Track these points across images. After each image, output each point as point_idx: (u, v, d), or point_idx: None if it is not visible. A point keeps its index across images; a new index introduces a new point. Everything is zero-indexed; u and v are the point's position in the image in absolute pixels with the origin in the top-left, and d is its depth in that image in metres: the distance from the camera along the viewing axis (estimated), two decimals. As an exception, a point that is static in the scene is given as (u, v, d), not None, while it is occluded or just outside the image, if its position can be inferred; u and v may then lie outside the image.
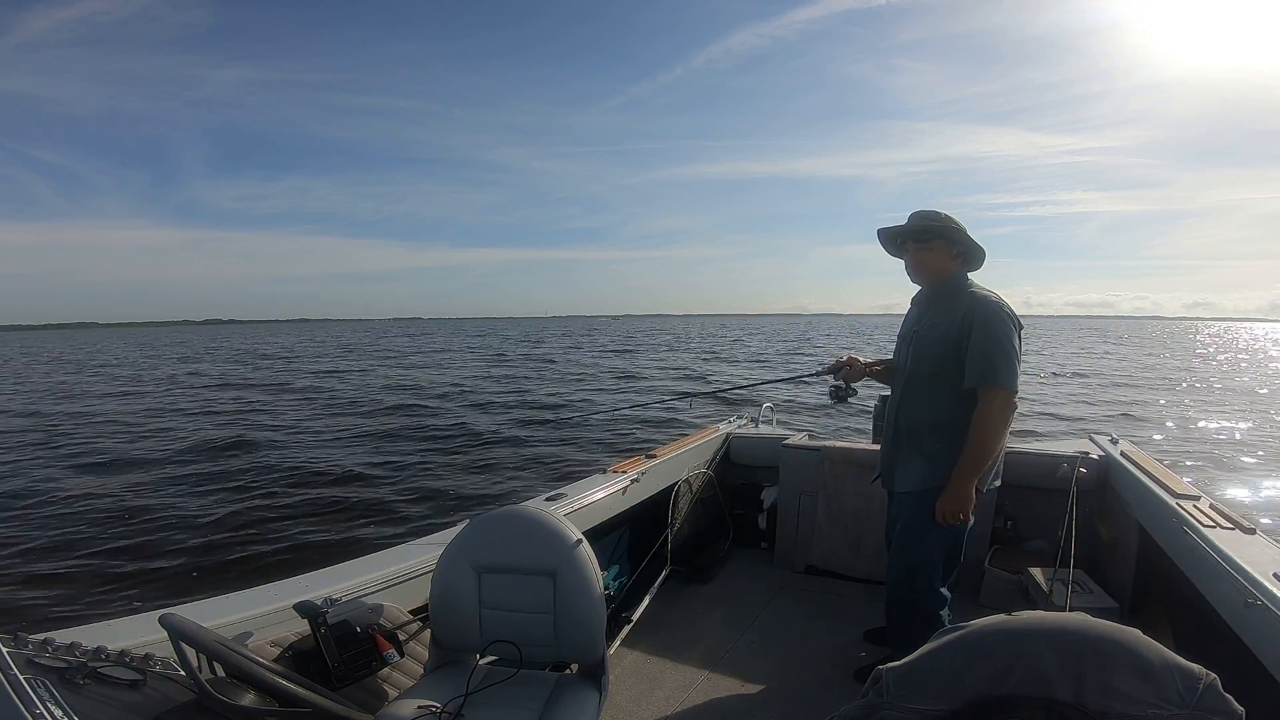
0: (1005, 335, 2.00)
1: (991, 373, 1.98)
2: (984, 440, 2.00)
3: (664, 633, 2.62)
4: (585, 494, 2.57)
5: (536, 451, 9.14)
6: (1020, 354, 2.02)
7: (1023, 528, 3.09)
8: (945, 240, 2.13)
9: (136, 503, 6.70)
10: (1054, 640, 0.85)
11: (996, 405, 1.99)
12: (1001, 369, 1.98)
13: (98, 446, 9.78)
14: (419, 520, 6.05)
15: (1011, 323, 2.03)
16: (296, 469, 8.14)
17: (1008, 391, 1.99)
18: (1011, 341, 2.00)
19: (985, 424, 1.99)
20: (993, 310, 2.03)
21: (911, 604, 2.19)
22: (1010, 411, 2.01)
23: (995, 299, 2.07)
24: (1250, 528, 1.97)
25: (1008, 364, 1.98)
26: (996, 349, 1.99)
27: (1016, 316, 2.05)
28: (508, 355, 32.57)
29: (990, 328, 2.01)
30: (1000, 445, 2.04)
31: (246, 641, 1.47)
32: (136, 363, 32.44)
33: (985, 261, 2.19)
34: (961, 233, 2.13)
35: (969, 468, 2.00)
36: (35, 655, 1.02)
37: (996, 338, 1.99)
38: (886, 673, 0.94)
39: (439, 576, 1.65)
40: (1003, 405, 2.00)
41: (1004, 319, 2.02)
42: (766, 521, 3.49)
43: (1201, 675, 0.82)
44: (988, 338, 2.00)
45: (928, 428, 2.13)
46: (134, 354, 41.73)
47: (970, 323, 2.03)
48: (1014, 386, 1.99)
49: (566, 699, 1.53)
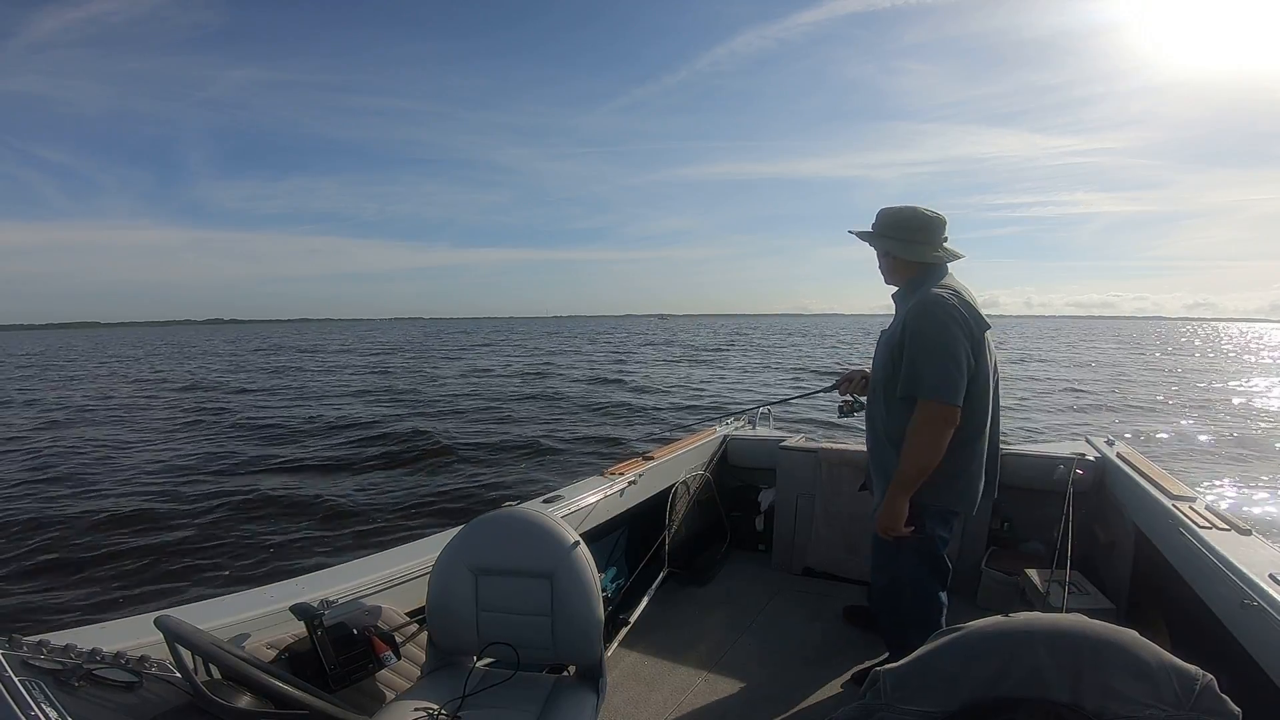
0: (936, 342, 1.80)
1: (916, 383, 1.82)
2: (909, 454, 1.83)
3: (661, 635, 2.62)
4: (582, 496, 2.57)
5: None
6: (969, 359, 1.81)
7: (1019, 529, 3.09)
8: (878, 239, 2.01)
9: (134, 504, 6.67)
10: (1051, 642, 0.86)
11: (924, 418, 1.80)
12: (926, 379, 1.79)
13: (97, 447, 9.75)
14: (416, 522, 6.04)
15: (952, 326, 1.80)
16: (296, 470, 8.12)
17: (935, 404, 1.78)
18: (946, 349, 1.79)
19: (911, 437, 1.82)
20: (926, 312, 1.83)
21: (897, 611, 2.11)
22: (942, 425, 1.79)
23: (936, 298, 1.85)
24: (1246, 529, 1.98)
25: (935, 373, 1.78)
26: (925, 358, 1.81)
27: (968, 317, 1.83)
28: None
29: (921, 333, 1.82)
30: (931, 461, 1.81)
31: (242, 644, 1.47)
32: (141, 361, 32.36)
33: (950, 258, 1.99)
34: (891, 227, 1.97)
35: (898, 482, 1.86)
36: (30, 657, 1.01)
37: (925, 345, 1.81)
38: (884, 675, 0.94)
39: (436, 579, 1.65)
40: (930, 419, 1.80)
41: (939, 322, 1.80)
42: (764, 523, 3.49)
43: (1198, 676, 0.82)
44: (917, 345, 1.82)
45: (886, 438, 1.98)
46: (137, 353, 41.58)
47: (907, 327, 1.86)
48: (945, 398, 1.77)
49: (564, 701, 1.52)
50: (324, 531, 5.87)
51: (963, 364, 1.80)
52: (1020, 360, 29.51)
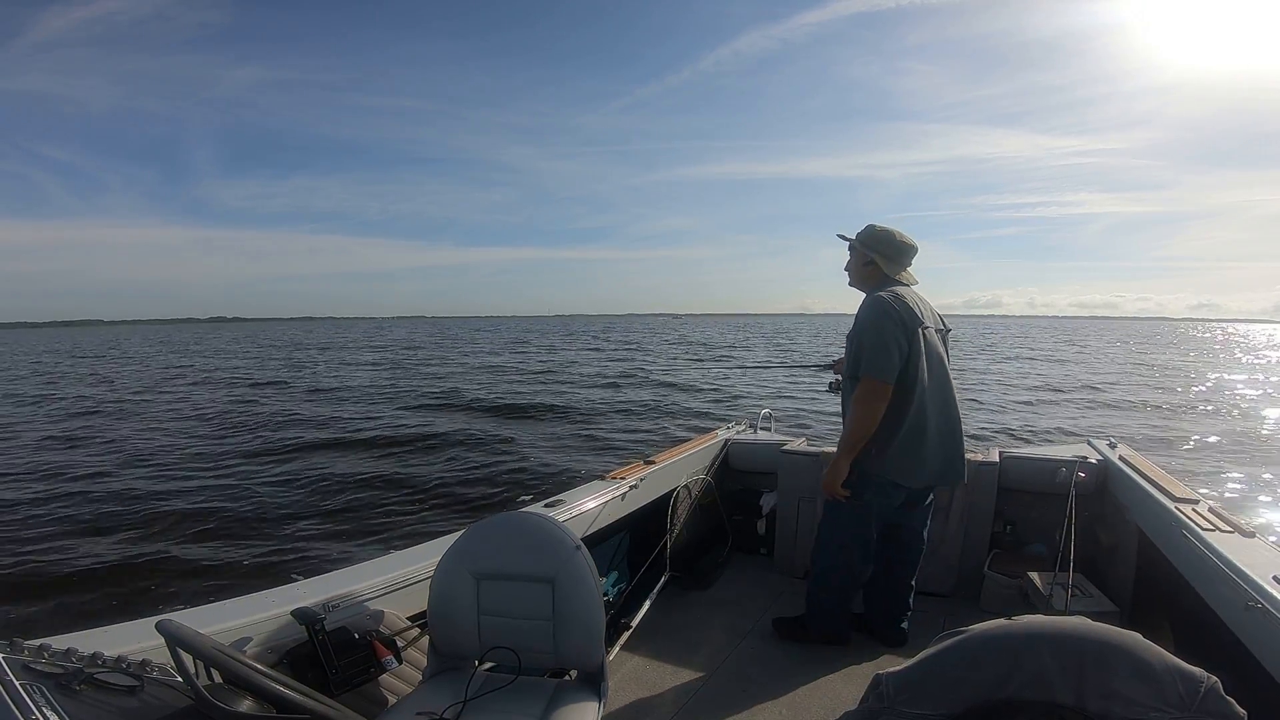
0: (872, 327, 2.15)
1: (855, 363, 2.20)
2: (849, 422, 2.24)
3: (663, 639, 2.61)
4: (583, 500, 2.57)
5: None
6: (897, 345, 2.12)
7: (1022, 532, 3.09)
8: (859, 246, 2.34)
9: (135, 506, 6.67)
10: (1055, 644, 0.85)
11: (861, 391, 2.16)
12: (865, 360, 2.15)
13: (97, 448, 9.76)
14: (417, 526, 6.03)
15: (885, 315, 2.14)
16: (295, 471, 8.12)
17: (870, 379, 2.14)
18: (880, 334, 2.13)
19: (852, 408, 2.21)
20: (866, 305, 2.23)
21: (815, 566, 2.51)
22: (874, 398, 2.14)
23: (876, 297, 2.21)
24: (1250, 531, 1.97)
25: (872, 354, 2.13)
26: (863, 341, 2.18)
27: (901, 313, 2.15)
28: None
29: (862, 322, 2.20)
30: (866, 429, 2.17)
31: (244, 648, 1.46)
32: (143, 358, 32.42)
33: (910, 281, 2.35)
34: (872, 241, 2.30)
35: (840, 447, 2.26)
36: (31, 661, 1.01)
37: (864, 329, 2.18)
38: (887, 678, 0.93)
39: (437, 583, 1.65)
40: (866, 392, 2.15)
41: (876, 312, 2.17)
42: (765, 527, 3.48)
43: (1203, 678, 0.82)
44: (859, 331, 2.21)
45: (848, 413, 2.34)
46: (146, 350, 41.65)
47: (856, 321, 2.24)
48: (878, 375, 2.12)
49: (566, 705, 1.52)
50: (325, 535, 5.86)
51: (893, 350, 2.13)
52: (1023, 358, 29.54)
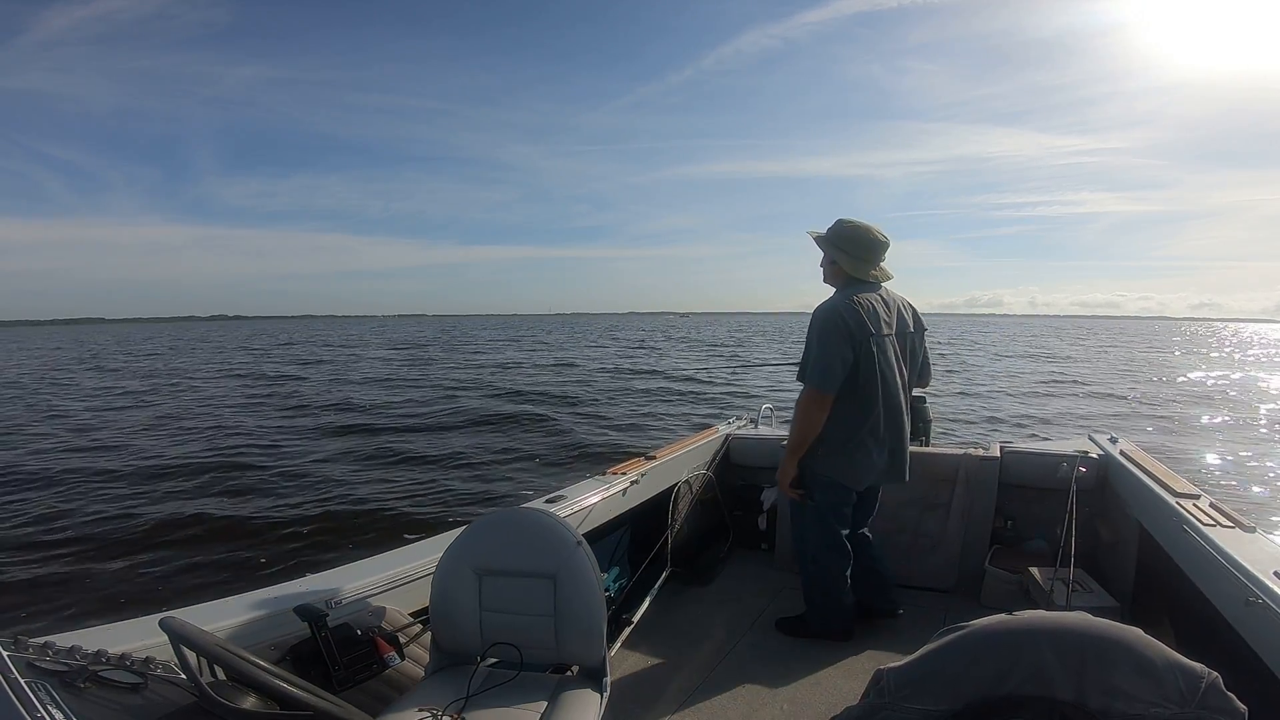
0: (819, 338, 2.20)
1: (801, 370, 2.29)
2: (792, 426, 2.31)
3: (665, 634, 2.62)
4: (585, 496, 2.57)
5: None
6: (840, 357, 2.16)
7: (1023, 527, 3.09)
8: (823, 245, 2.36)
9: (137, 505, 6.69)
10: (1055, 640, 0.85)
11: (803, 398, 2.25)
12: (809, 369, 2.22)
13: (98, 449, 9.77)
14: (419, 523, 6.04)
15: (832, 326, 2.18)
16: (296, 472, 8.13)
17: (810, 389, 2.21)
18: (824, 345, 2.17)
19: (795, 412, 2.29)
20: (818, 313, 2.27)
21: (804, 572, 2.55)
22: (813, 406, 2.21)
23: (829, 306, 2.25)
24: (1250, 526, 1.97)
25: (813, 365, 2.20)
26: (808, 350, 2.25)
27: (849, 321, 2.18)
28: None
29: (810, 330, 2.26)
30: (807, 433, 2.24)
31: (247, 645, 1.47)
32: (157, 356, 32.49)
33: (884, 279, 2.35)
34: (835, 239, 2.30)
35: (788, 447, 2.33)
36: (36, 659, 1.01)
37: (811, 338, 2.24)
38: (888, 674, 0.94)
39: (439, 579, 1.65)
40: (806, 401, 2.23)
41: (823, 322, 2.21)
42: (767, 523, 3.48)
43: (1203, 674, 0.82)
44: (808, 339, 2.27)
45: None
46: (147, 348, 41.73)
47: (810, 326, 2.28)
48: (818, 385, 2.18)
49: (568, 701, 1.53)
50: (327, 532, 5.88)
51: (835, 362, 2.16)
52: (1022, 357, 29.54)
